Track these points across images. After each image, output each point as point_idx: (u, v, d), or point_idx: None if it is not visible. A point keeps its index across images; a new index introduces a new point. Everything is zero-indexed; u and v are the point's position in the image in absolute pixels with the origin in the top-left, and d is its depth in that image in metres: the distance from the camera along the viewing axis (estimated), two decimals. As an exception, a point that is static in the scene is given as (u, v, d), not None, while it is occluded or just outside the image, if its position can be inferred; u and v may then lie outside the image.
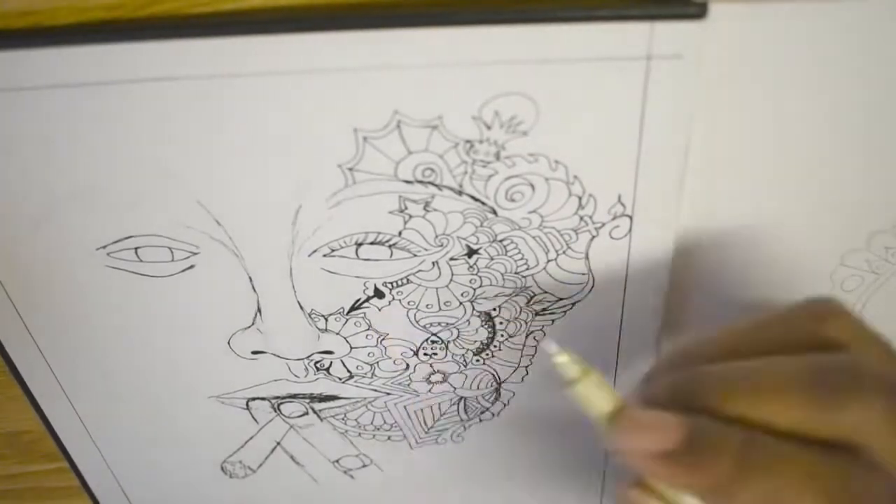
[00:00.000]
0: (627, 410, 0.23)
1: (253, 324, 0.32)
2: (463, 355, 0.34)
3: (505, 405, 0.36)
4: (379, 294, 0.31)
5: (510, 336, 0.33)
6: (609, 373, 0.34)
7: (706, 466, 0.21)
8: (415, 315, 0.32)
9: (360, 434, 0.38)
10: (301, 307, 0.31)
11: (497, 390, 0.35)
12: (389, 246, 0.29)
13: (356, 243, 0.29)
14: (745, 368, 0.22)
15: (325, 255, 0.29)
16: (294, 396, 0.35)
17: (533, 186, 0.27)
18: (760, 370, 0.22)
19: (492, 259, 0.30)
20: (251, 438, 0.38)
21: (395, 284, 0.30)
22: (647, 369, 0.25)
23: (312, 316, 0.31)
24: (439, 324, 0.32)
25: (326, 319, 0.32)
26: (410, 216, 0.28)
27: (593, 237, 0.29)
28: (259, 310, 0.31)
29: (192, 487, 0.40)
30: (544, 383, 0.35)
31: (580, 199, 0.28)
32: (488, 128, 0.26)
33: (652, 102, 0.25)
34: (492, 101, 0.25)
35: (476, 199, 0.28)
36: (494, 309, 0.32)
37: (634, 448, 0.22)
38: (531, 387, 0.35)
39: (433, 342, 0.33)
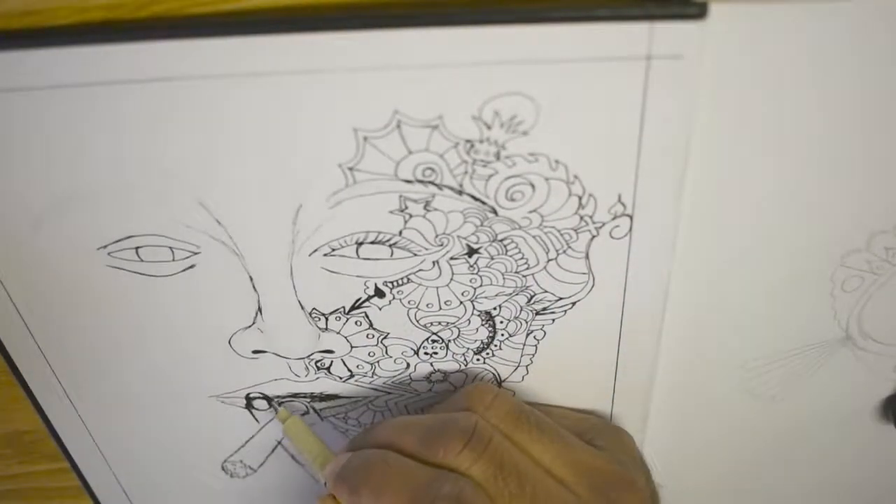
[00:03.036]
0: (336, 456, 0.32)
1: (253, 323, 0.32)
2: (463, 354, 0.34)
3: (505, 405, 0.36)
4: (379, 293, 0.31)
5: (510, 335, 0.33)
6: (609, 373, 0.34)
7: (345, 476, 0.30)
8: (415, 314, 0.32)
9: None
10: (302, 306, 0.31)
11: (497, 390, 0.35)
12: (390, 245, 0.29)
13: (356, 243, 0.29)
14: (399, 420, 0.32)
15: (325, 255, 0.29)
16: (295, 395, 0.35)
17: (533, 186, 0.27)
18: (405, 421, 0.31)
19: (492, 258, 0.30)
20: (252, 438, 0.38)
21: (395, 284, 0.30)
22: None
23: (313, 315, 0.32)
24: (440, 323, 0.32)
25: (327, 319, 0.32)
26: (411, 215, 0.28)
27: (593, 237, 0.29)
28: (260, 309, 0.31)
29: (193, 487, 0.40)
30: (544, 383, 0.35)
31: (580, 198, 0.28)
32: (488, 127, 0.26)
33: (652, 102, 0.25)
34: (492, 100, 0.25)
35: (476, 199, 0.28)
36: (495, 308, 0.32)
37: (328, 474, 0.32)
38: (531, 386, 0.35)
39: (434, 341, 0.33)
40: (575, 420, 0.34)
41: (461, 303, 0.31)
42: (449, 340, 0.33)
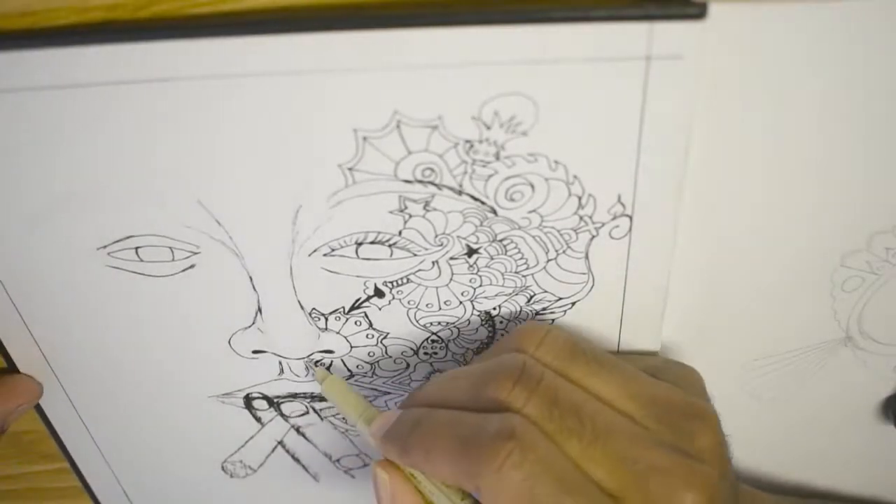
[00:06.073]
0: (380, 412, 0.31)
1: (253, 323, 0.32)
2: (463, 354, 0.34)
3: (505, 405, 0.36)
4: (379, 293, 0.31)
5: (510, 335, 0.33)
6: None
7: (394, 437, 0.29)
8: (415, 314, 0.32)
9: (360, 433, 0.38)
10: (301, 306, 0.31)
11: (497, 390, 0.35)
12: (389, 245, 0.29)
13: (356, 243, 0.29)
14: (447, 374, 0.30)
15: (325, 255, 0.29)
16: (294, 395, 0.35)
17: (533, 186, 0.27)
18: (454, 373, 0.29)
19: (492, 258, 0.30)
20: (252, 438, 0.38)
21: (395, 284, 0.30)
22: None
23: (313, 315, 0.32)
24: (439, 323, 0.32)
25: (327, 319, 0.32)
26: (410, 216, 0.28)
27: (593, 237, 0.29)
28: (259, 309, 0.31)
29: (193, 487, 0.40)
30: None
31: (580, 198, 0.28)
32: (488, 128, 0.26)
33: (652, 102, 0.25)
34: (491, 101, 0.25)
35: (476, 199, 0.28)
36: (494, 308, 0.32)
37: (375, 433, 0.30)
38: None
39: (433, 341, 0.33)
40: (637, 360, 0.32)
41: (461, 303, 0.31)
42: (449, 340, 0.33)
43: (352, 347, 0.33)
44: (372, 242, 0.29)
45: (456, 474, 0.27)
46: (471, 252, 0.29)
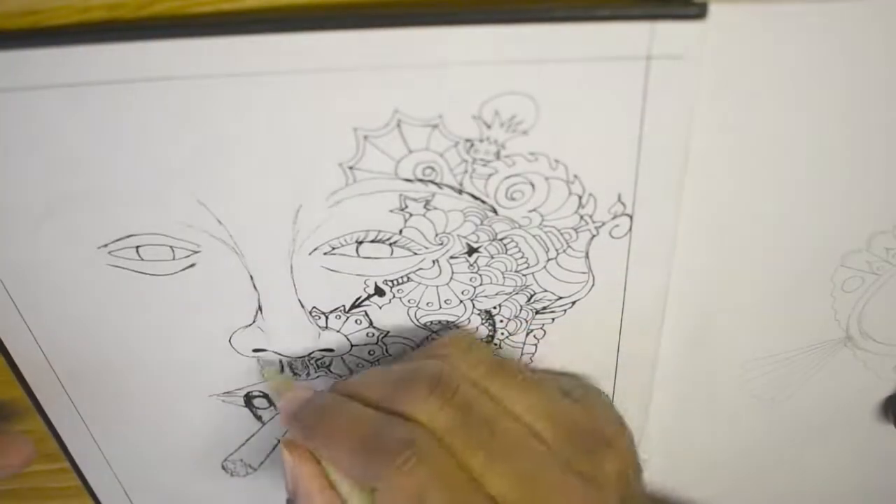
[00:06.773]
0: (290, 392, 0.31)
1: (254, 322, 0.32)
2: (463, 354, 0.34)
3: (505, 404, 0.36)
4: (379, 292, 0.31)
5: (510, 334, 0.33)
6: (609, 373, 0.34)
7: (301, 418, 0.30)
8: (415, 313, 0.32)
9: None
10: (302, 305, 0.31)
11: (497, 389, 0.35)
12: (390, 244, 0.29)
13: (357, 241, 0.29)
14: (370, 371, 0.31)
15: (325, 254, 0.29)
16: (295, 395, 0.35)
17: (533, 185, 0.27)
18: (375, 371, 0.30)
19: (492, 257, 0.30)
20: (252, 437, 0.38)
21: (395, 282, 0.30)
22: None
23: (313, 314, 0.32)
24: (440, 322, 0.32)
25: (327, 317, 0.32)
26: (411, 214, 0.28)
27: (593, 236, 0.29)
28: (260, 308, 0.31)
29: (194, 486, 0.40)
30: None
31: (580, 198, 0.28)
32: (488, 127, 0.26)
33: (652, 102, 0.25)
34: (492, 100, 0.25)
35: (476, 198, 0.28)
36: (495, 307, 0.32)
37: (283, 407, 0.31)
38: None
39: (434, 340, 0.33)
40: (549, 379, 0.33)
41: (461, 301, 0.31)
42: (449, 339, 0.33)
43: (352, 346, 0.33)
44: (372, 241, 0.29)
45: (353, 470, 0.28)
46: (471, 251, 0.29)
